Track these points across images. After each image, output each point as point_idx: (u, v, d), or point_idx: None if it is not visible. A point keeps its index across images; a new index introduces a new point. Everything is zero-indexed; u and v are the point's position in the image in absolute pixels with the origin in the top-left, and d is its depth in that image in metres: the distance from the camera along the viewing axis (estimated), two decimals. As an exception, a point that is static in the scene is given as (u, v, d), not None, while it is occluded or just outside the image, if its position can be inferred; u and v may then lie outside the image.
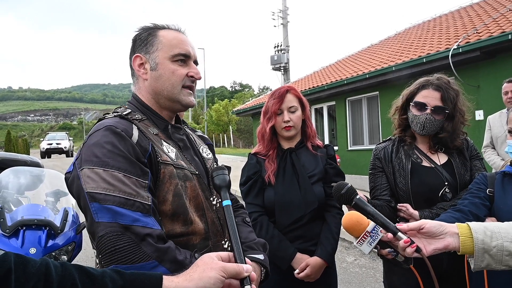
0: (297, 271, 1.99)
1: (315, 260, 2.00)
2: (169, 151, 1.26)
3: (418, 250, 1.22)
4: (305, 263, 2.00)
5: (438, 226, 1.26)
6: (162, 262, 1.05)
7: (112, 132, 1.14)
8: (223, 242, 1.33)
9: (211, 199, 1.34)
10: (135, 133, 1.18)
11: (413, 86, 2.05)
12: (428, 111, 1.93)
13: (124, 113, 1.26)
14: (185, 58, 1.33)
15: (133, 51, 1.35)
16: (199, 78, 1.36)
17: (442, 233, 1.26)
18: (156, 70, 1.30)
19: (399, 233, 1.24)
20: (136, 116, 1.28)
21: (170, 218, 1.19)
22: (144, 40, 1.33)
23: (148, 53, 1.31)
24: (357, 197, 1.29)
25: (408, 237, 1.24)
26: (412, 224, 1.28)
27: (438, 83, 1.96)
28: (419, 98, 1.97)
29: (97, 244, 1.06)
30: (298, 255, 2.03)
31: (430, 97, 1.94)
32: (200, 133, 1.63)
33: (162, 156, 1.21)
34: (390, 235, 1.25)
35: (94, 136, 1.15)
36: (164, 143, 1.27)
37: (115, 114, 1.26)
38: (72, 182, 1.14)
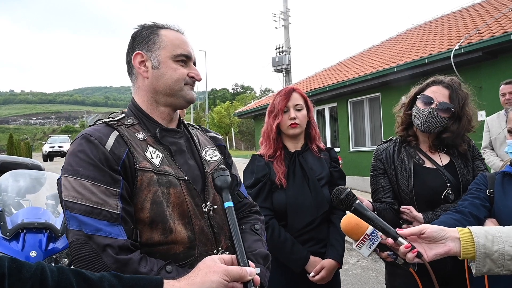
0: (312, 274, 1.98)
1: (329, 262, 2.00)
2: (154, 156, 1.24)
3: (419, 255, 1.21)
4: (320, 266, 1.99)
5: (439, 231, 1.24)
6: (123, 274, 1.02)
7: (86, 140, 1.16)
8: (215, 251, 1.27)
9: (202, 206, 1.28)
10: (111, 140, 1.18)
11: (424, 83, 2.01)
12: (434, 105, 1.88)
13: (116, 118, 1.27)
14: (186, 59, 1.33)
15: (132, 48, 1.34)
16: (200, 80, 1.35)
17: (443, 238, 1.24)
18: (158, 68, 1.29)
19: (400, 238, 1.23)
20: (128, 121, 1.28)
21: (149, 226, 1.16)
22: (145, 37, 1.32)
23: (150, 51, 1.30)
24: (357, 202, 1.27)
25: (409, 242, 1.22)
26: (413, 229, 1.25)
27: (449, 81, 1.94)
28: (427, 92, 1.94)
29: (69, 250, 1.11)
30: (312, 258, 2.02)
31: (438, 92, 1.91)
32: (213, 134, 1.58)
33: (141, 162, 1.19)
34: (390, 240, 1.23)
35: (72, 144, 1.19)
36: (151, 148, 1.25)
37: (105, 120, 1.27)
38: (58, 189, 1.20)
